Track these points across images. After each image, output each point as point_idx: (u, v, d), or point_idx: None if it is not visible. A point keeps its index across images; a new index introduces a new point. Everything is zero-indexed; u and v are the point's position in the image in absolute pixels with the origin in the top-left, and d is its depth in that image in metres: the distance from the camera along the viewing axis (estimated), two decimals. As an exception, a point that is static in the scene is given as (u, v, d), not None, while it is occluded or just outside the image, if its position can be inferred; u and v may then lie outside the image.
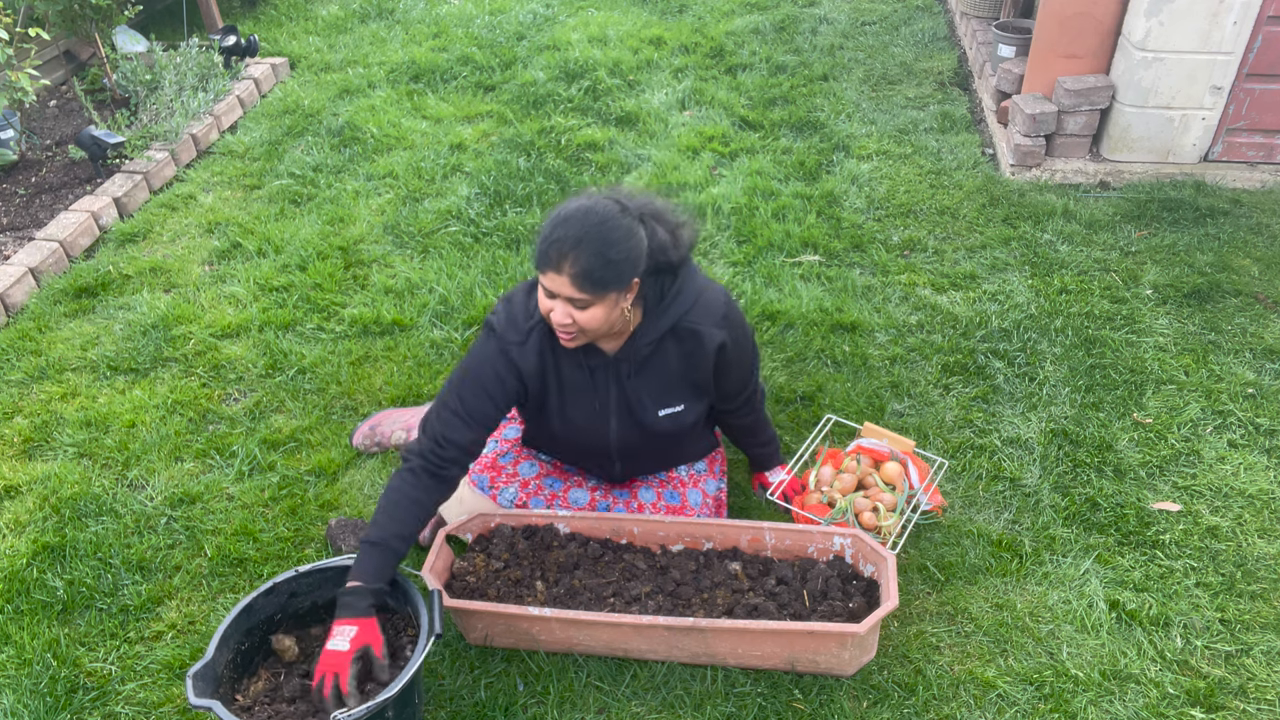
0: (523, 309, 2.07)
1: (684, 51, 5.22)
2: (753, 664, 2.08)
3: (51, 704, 2.08)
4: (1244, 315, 3.11)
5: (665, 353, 2.09)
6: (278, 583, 2.00)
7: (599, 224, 1.85)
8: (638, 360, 2.08)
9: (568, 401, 2.13)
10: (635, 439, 2.17)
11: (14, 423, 2.86)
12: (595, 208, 1.88)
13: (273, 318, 3.24)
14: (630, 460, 2.27)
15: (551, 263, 1.85)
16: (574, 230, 1.84)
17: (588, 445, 2.21)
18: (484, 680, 2.10)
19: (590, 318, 1.90)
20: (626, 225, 1.88)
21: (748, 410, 2.34)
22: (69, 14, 4.25)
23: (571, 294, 1.87)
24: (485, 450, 2.39)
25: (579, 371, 2.10)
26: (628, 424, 2.15)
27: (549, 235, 1.86)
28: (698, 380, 2.14)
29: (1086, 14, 3.77)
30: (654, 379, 2.11)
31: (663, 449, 2.29)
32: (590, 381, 2.10)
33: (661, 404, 2.14)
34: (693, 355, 2.09)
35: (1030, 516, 2.46)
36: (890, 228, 3.66)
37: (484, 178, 4.00)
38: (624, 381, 2.10)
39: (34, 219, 3.78)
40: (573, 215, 1.87)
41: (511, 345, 2.04)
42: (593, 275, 1.84)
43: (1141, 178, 3.87)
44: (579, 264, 1.83)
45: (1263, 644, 2.13)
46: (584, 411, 2.13)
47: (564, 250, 1.84)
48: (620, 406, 2.13)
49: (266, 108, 4.74)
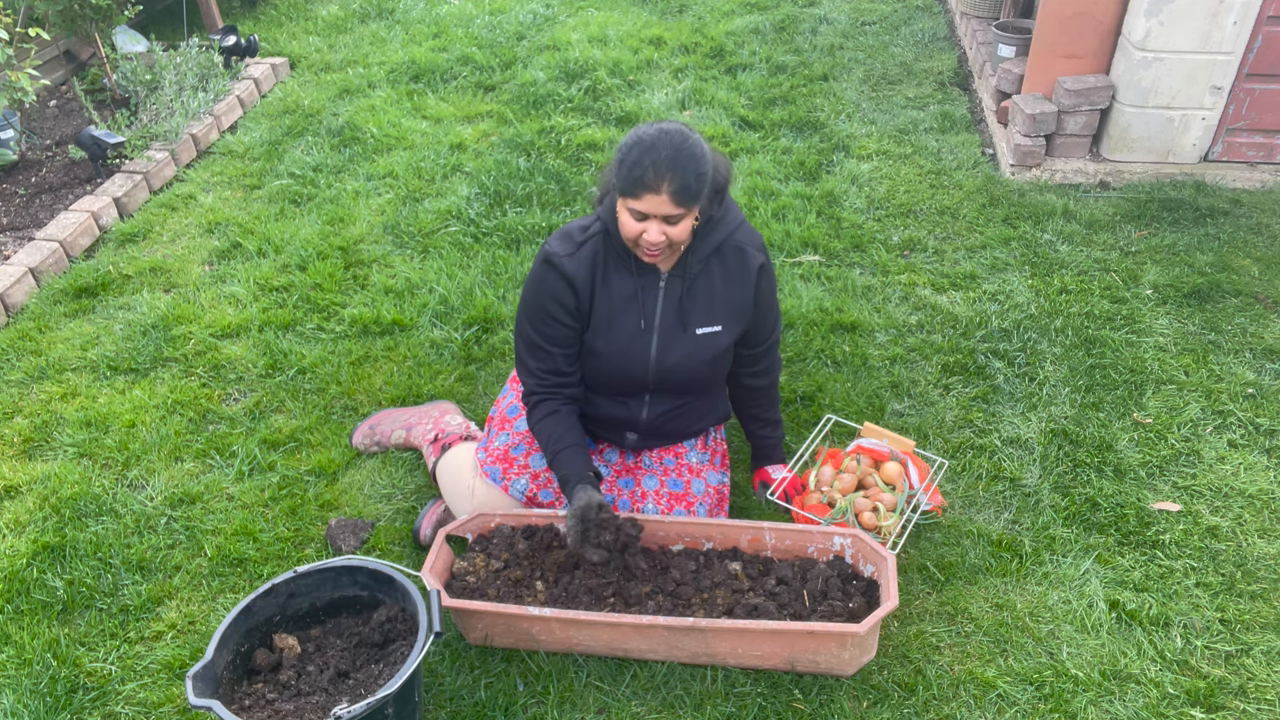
0: (578, 228, 2.20)
1: (684, 51, 5.22)
2: (753, 664, 2.08)
3: (51, 704, 2.08)
4: (1244, 315, 3.11)
5: (711, 273, 2.21)
6: (276, 584, 2.00)
7: (685, 143, 1.99)
8: (690, 276, 2.19)
9: (615, 315, 2.20)
10: (671, 362, 2.24)
11: (14, 423, 2.86)
12: (673, 130, 2.00)
13: (273, 318, 3.24)
14: (659, 397, 2.31)
15: (649, 185, 1.97)
16: (666, 153, 1.96)
17: (626, 368, 2.25)
18: (484, 680, 2.10)
19: (681, 230, 2.04)
20: (700, 141, 2.03)
21: (767, 367, 2.39)
22: (69, 14, 4.25)
23: (669, 210, 1.99)
24: (498, 443, 2.41)
25: (629, 285, 2.19)
26: (668, 342, 2.22)
27: (640, 161, 1.97)
28: (738, 302, 2.24)
29: (1086, 14, 3.77)
30: (699, 297, 2.22)
31: (690, 385, 2.32)
32: (639, 296, 2.19)
33: (702, 322, 2.22)
34: (736, 275, 2.22)
35: (1030, 516, 2.46)
36: (890, 228, 3.66)
37: (484, 178, 4.00)
38: (671, 298, 2.20)
39: (34, 219, 3.78)
40: (659, 140, 1.98)
41: (560, 257, 2.15)
42: (690, 189, 1.98)
43: (1141, 178, 3.87)
44: (676, 181, 1.96)
45: (1263, 644, 2.13)
46: (628, 327, 2.21)
47: (661, 172, 1.96)
48: (664, 322, 2.21)
49: (266, 108, 4.74)
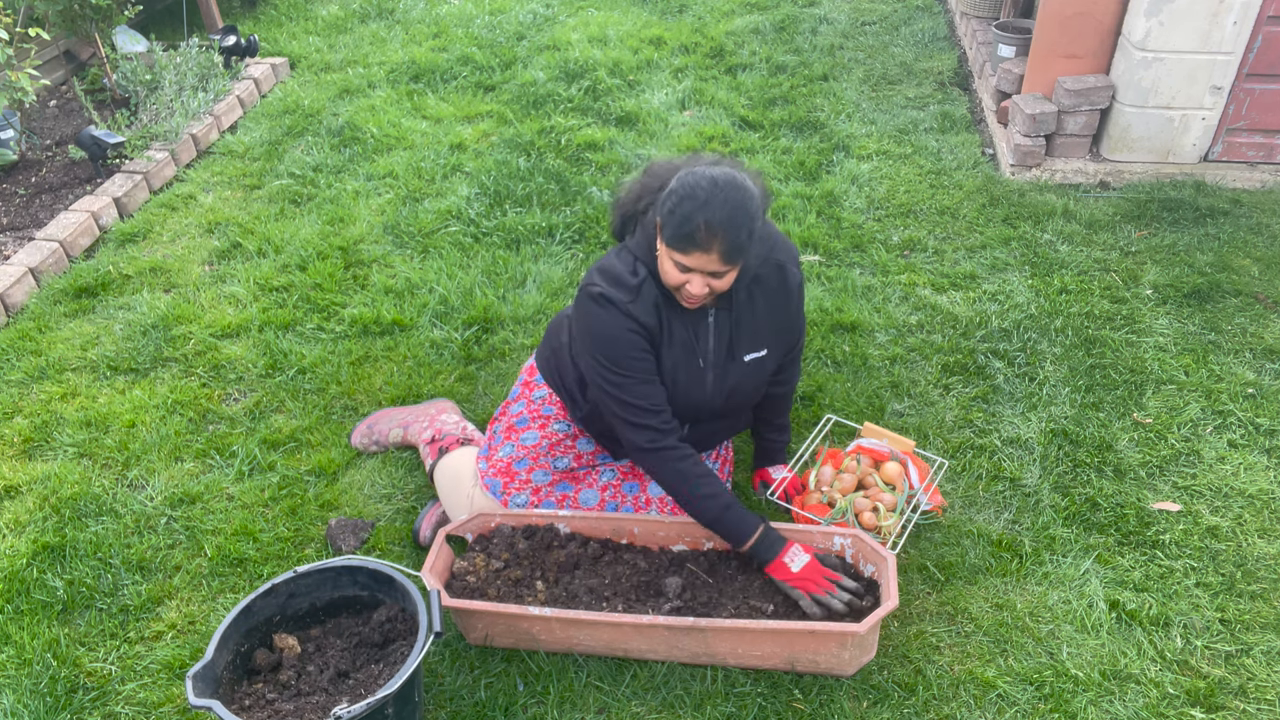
0: (626, 270, 2.07)
1: (684, 51, 5.21)
2: (753, 664, 2.08)
3: (51, 704, 2.08)
4: (1244, 315, 3.11)
5: (754, 298, 2.15)
6: (276, 584, 2.00)
7: (741, 200, 1.87)
8: (735, 307, 2.14)
9: (676, 357, 2.14)
10: (727, 394, 2.21)
11: (14, 423, 2.86)
12: (726, 183, 1.88)
13: (273, 318, 3.24)
14: (700, 422, 2.29)
15: (699, 244, 1.87)
16: (721, 211, 1.85)
17: (686, 407, 2.21)
18: (484, 680, 2.10)
19: (725, 283, 1.97)
20: (753, 193, 1.92)
21: (792, 371, 2.38)
22: (69, 14, 4.25)
23: (718, 269, 1.91)
24: (501, 454, 2.39)
25: (684, 327, 2.12)
26: (722, 375, 2.18)
27: (692, 217, 1.86)
28: (782, 321, 2.20)
29: (1086, 14, 3.77)
30: (745, 325, 2.17)
31: (738, 409, 2.32)
32: (693, 334, 2.14)
33: (748, 348, 2.18)
34: (778, 293, 2.16)
35: (1030, 516, 2.46)
36: (890, 228, 3.66)
37: (484, 178, 4.00)
38: (721, 333, 2.15)
39: (34, 219, 3.78)
40: (713, 196, 1.86)
41: (629, 305, 2.05)
42: (740, 248, 1.90)
43: (1141, 178, 3.87)
44: (727, 241, 1.87)
45: (1263, 644, 2.13)
46: (687, 367, 2.15)
47: (713, 232, 1.86)
48: (716, 357, 2.17)
49: (266, 108, 4.74)
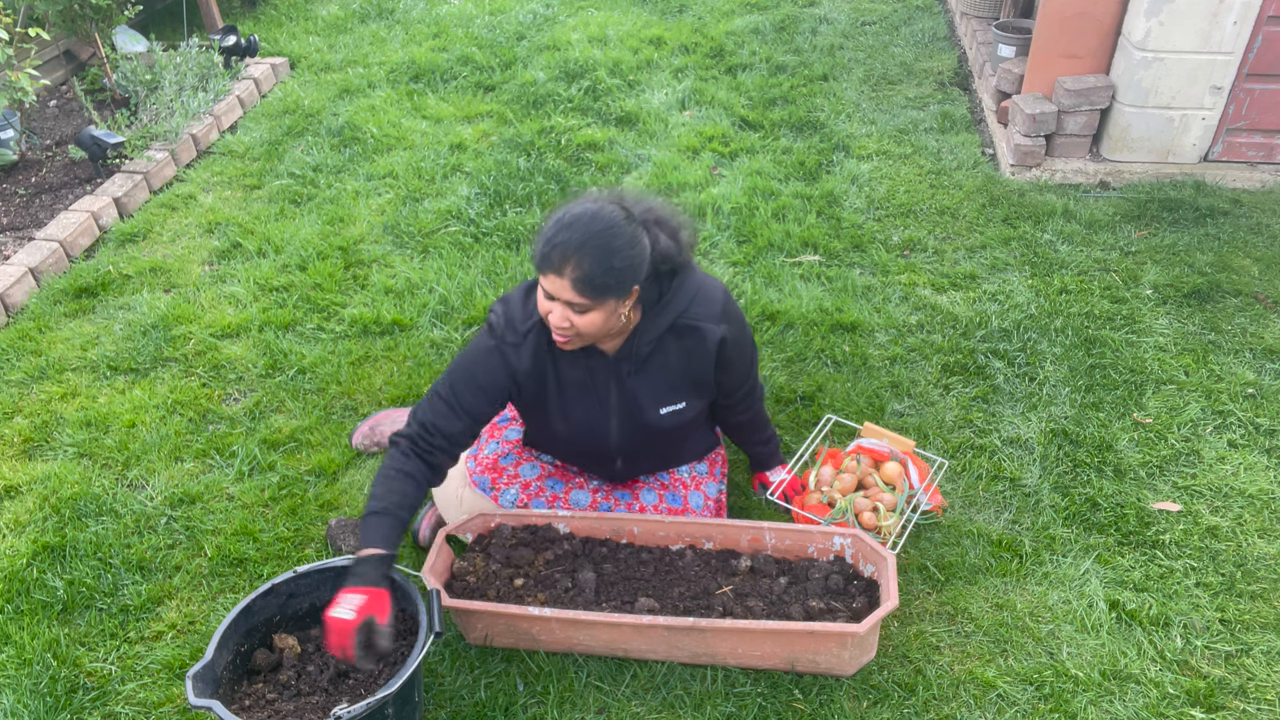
0: (520, 309, 2.06)
1: (684, 51, 5.21)
2: (753, 664, 2.08)
3: (51, 704, 2.08)
4: (1244, 315, 3.11)
5: (666, 350, 2.08)
6: (276, 584, 2.00)
7: (604, 230, 1.83)
8: (638, 359, 2.07)
9: (568, 401, 2.11)
10: (637, 438, 2.17)
11: (14, 423, 2.86)
12: (600, 213, 1.85)
13: (273, 318, 3.24)
14: (631, 459, 2.26)
15: (553, 265, 1.83)
16: (578, 235, 1.81)
17: (589, 445, 2.20)
18: (484, 680, 2.10)
19: (588, 323, 1.89)
20: (630, 233, 1.86)
21: (747, 406, 2.33)
22: (69, 14, 4.25)
23: (571, 298, 1.85)
24: (487, 451, 2.38)
25: (579, 371, 2.09)
26: (629, 423, 2.14)
27: (551, 237, 1.83)
28: (699, 377, 2.13)
29: (1086, 14, 3.77)
30: (655, 377, 2.10)
31: (664, 448, 2.28)
32: (591, 381, 2.09)
33: (663, 402, 2.13)
34: (694, 351, 2.08)
35: (1030, 516, 2.46)
36: (890, 228, 3.66)
37: (484, 178, 4.00)
38: (625, 381, 2.09)
39: (34, 219, 3.78)
40: (577, 219, 1.84)
41: (508, 346, 2.03)
42: (594, 281, 1.82)
43: (1141, 178, 3.87)
44: (581, 269, 1.81)
45: (1263, 644, 2.13)
46: (585, 411, 2.12)
47: (566, 254, 1.81)
48: (621, 406, 2.12)
49: (266, 108, 4.74)
